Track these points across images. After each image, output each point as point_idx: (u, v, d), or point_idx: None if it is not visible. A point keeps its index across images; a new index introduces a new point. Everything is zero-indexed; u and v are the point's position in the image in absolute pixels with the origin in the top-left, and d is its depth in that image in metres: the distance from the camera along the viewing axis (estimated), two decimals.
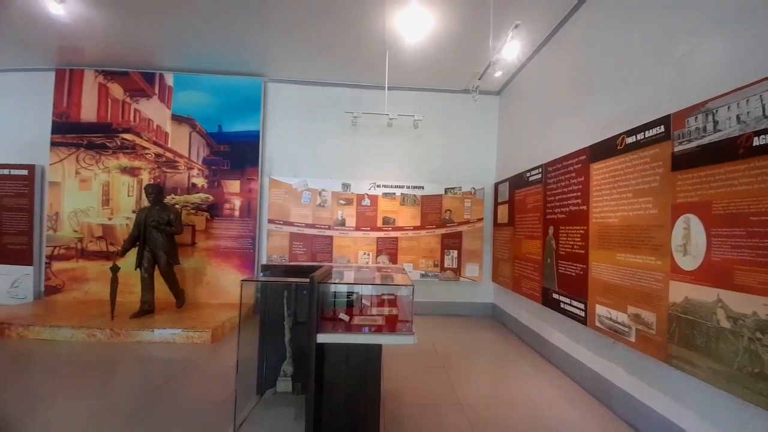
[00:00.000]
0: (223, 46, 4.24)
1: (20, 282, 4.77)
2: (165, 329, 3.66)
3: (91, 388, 2.63)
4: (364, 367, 1.86)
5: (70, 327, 3.60)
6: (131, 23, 3.77)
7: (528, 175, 3.84)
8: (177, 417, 2.25)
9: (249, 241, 4.88)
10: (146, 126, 4.84)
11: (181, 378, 2.84)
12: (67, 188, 4.78)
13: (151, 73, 4.84)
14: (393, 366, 3.06)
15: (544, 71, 3.81)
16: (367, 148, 5.08)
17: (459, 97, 5.11)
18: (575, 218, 2.86)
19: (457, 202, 5.00)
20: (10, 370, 2.89)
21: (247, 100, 4.91)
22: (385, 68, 4.21)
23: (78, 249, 4.76)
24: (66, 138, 4.78)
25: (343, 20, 3.57)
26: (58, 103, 4.78)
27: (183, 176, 4.87)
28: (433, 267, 4.95)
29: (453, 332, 4.25)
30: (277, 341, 2.15)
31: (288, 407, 2.04)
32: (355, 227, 4.91)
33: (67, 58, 4.58)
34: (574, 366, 2.95)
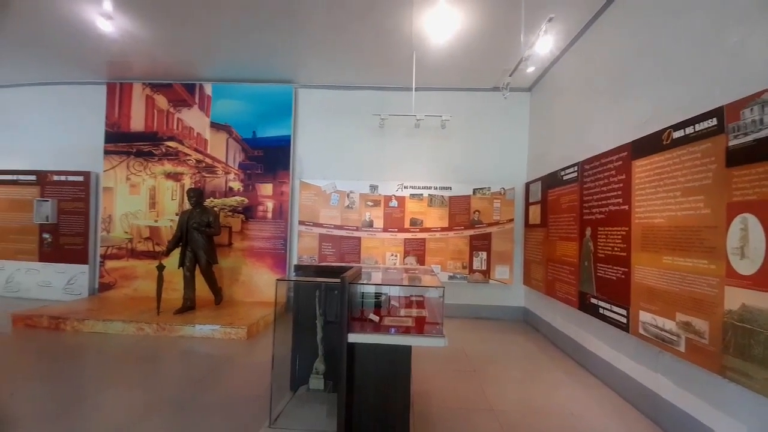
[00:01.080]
0: (256, 56, 4.44)
1: (76, 279, 5.24)
2: (205, 325, 3.87)
3: (140, 379, 2.85)
4: (393, 368, 1.87)
5: (121, 321, 3.90)
6: (173, 38, 4.04)
7: (562, 174, 3.68)
8: (217, 409, 2.37)
9: (281, 242, 5.05)
10: (188, 134, 5.17)
11: (220, 372, 2.99)
12: (119, 193, 5.21)
13: (192, 84, 5.16)
14: (421, 368, 3.04)
15: (579, 64, 3.65)
16: (394, 149, 5.10)
17: (487, 96, 5.01)
18: (616, 219, 2.71)
19: (485, 203, 4.90)
20: (66, 361, 3.18)
21: (279, 107, 5.11)
22: (412, 70, 4.21)
23: (128, 249, 5.17)
24: (117, 146, 5.21)
25: (371, 24, 3.62)
26: (110, 114, 5.22)
27: (221, 180, 5.14)
28: (461, 269, 4.88)
29: (483, 336, 4.16)
30: (309, 339, 2.21)
31: (321, 404, 2.09)
32: (382, 228, 4.95)
33: (117, 72, 4.99)
34: (614, 375, 2.79)
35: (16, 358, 3.22)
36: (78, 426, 2.14)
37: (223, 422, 2.21)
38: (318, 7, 3.40)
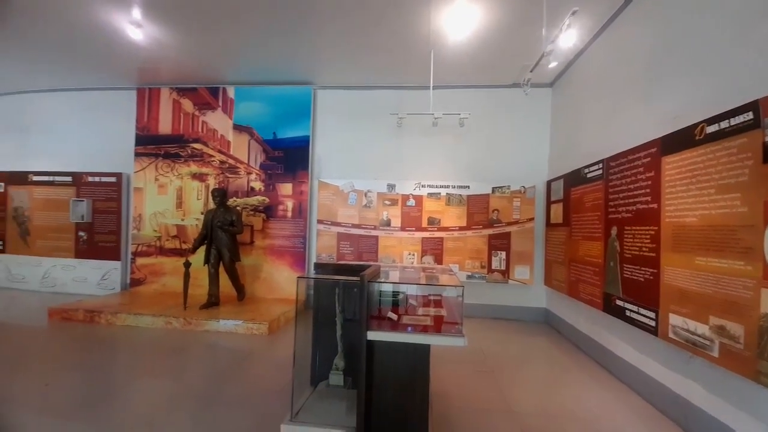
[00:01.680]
0: (276, 59, 4.54)
1: (109, 275, 5.53)
2: (228, 320, 4.00)
3: (169, 371, 2.98)
4: (412, 367, 1.87)
5: (151, 315, 4.10)
6: (198, 44, 4.19)
7: (586, 172, 3.57)
8: (240, 401, 2.46)
9: (300, 241, 5.15)
10: (212, 136, 5.36)
11: (243, 366, 3.09)
12: (148, 193, 5.46)
13: (216, 87, 5.34)
14: (439, 368, 3.03)
15: (604, 58, 3.53)
16: (411, 148, 5.10)
17: (507, 92, 4.92)
18: (644, 217, 2.61)
19: (505, 202, 4.82)
20: (100, 352, 3.37)
21: (298, 108, 5.20)
22: (429, 68, 4.19)
23: (157, 246, 5.41)
24: (147, 149, 5.45)
25: (389, 24, 3.63)
26: (140, 118, 5.47)
27: (243, 180, 5.29)
28: (479, 268, 4.82)
29: (502, 336, 4.10)
30: (329, 336, 2.25)
31: (340, 400, 2.12)
32: (400, 227, 4.95)
33: (146, 78, 5.23)
34: (641, 380, 2.69)
35: (52, 349, 3.43)
36: (111, 415, 2.26)
37: (247, 415, 2.29)
38: (337, 9, 3.44)
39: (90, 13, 3.57)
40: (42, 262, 5.67)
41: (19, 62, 4.81)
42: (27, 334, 3.80)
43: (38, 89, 5.81)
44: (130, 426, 2.13)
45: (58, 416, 2.19)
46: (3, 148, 5.98)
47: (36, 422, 2.12)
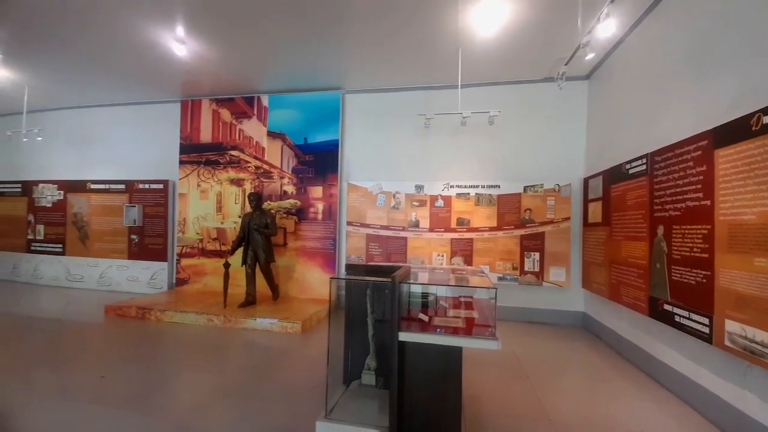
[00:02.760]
0: (307, 67, 4.71)
1: (158, 275, 5.96)
2: (265, 319, 4.18)
3: (211, 365, 3.16)
4: (443, 369, 1.87)
5: (195, 313, 4.37)
6: (235, 56, 4.43)
7: (628, 167, 3.37)
8: (277, 397, 2.56)
9: (330, 242, 5.28)
10: (248, 143, 5.64)
11: (278, 362, 3.22)
12: (191, 198, 5.83)
13: (251, 96, 5.61)
14: (471, 371, 2.99)
15: (647, 46, 3.32)
16: (439, 149, 5.06)
17: (539, 87, 4.76)
18: (694, 215, 2.42)
19: (538, 201, 4.65)
20: (151, 347, 3.64)
21: (328, 113, 5.35)
22: (457, 66, 4.15)
23: (199, 248, 5.77)
24: (190, 157, 5.84)
25: (416, 25, 3.64)
26: (184, 128, 5.87)
27: (276, 185, 5.52)
28: (511, 270, 4.68)
29: (536, 341, 3.96)
30: (360, 336, 2.29)
31: (372, 399, 2.16)
32: (428, 228, 4.93)
33: (188, 90, 5.60)
34: (691, 389, 2.50)
35: (108, 344, 3.75)
36: (160, 405, 2.44)
37: (283, 410, 2.38)
38: (365, 15, 3.50)
39: (141, 33, 3.89)
40: (99, 263, 6.23)
41: (78, 79, 5.32)
42: (85, 329, 4.18)
43: (95, 104, 6.40)
44: (177, 416, 2.29)
45: (112, 406, 2.39)
46: (65, 158, 6.64)
47: (92, 411, 2.33)
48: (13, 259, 6.75)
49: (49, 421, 2.19)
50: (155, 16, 3.56)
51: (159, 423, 2.20)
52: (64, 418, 2.22)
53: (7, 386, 2.60)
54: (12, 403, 2.37)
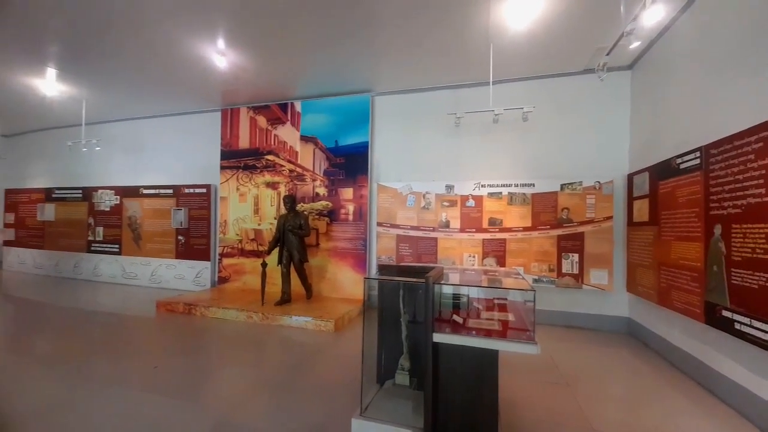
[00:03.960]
0: (337, 72, 4.83)
1: (202, 273, 6.36)
2: (299, 316, 4.34)
3: (251, 360, 3.34)
4: (479, 372, 1.85)
5: (236, 309, 4.62)
6: (271, 65, 4.64)
7: (679, 162, 3.13)
8: (312, 393, 2.64)
9: (361, 243, 5.36)
10: (282, 147, 5.87)
11: (313, 359, 3.33)
12: (231, 201, 6.16)
13: (285, 103, 5.84)
14: (506, 376, 2.91)
15: (698, 31, 3.06)
16: (470, 148, 4.98)
17: (577, 80, 4.54)
18: (758, 213, 2.21)
19: (576, 199, 4.43)
20: (197, 341, 3.89)
21: (357, 116, 5.44)
22: (488, 63, 4.06)
23: (239, 248, 6.08)
24: (229, 162, 6.18)
25: (446, 24, 3.61)
26: (224, 135, 6.22)
27: (309, 187, 5.70)
28: (548, 272, 4.50)
29: (576, 346, 3.78)
30: (394, 336, 2.31)
31: (406, 400, 2.17)
32: (459, 229, 4.86)
33: (228, 99, 5.93)
34: (754, 404, 2.28)
35: (160, 337, 4.06)
36: (206, 397, 2.61)
37: (319, 405, 2.46)
38: (395, 18, 3.53)
39: (186, 48, 4.18)
40: (150, 262, 6.75)
41: (131, 93, 5.80)
42: (139, 323, 4.55)
43: (146, 116, 6.95)
44: (221, 406, 2.44)
45: (164, 394, 2.59)
46: (120, 166, 7.27)
47: (146, 399, 2.53)
48: (74, 258, 7.49)
49: (109, 407, 2.41)
50: (200, 31, 3.82)
51: (205, 413, 2.35)
52: (122, 405, 2.44)
53: (72, 374, 2.90)
54: (76, 390, 2.64)
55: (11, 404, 2.39)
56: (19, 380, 2.76)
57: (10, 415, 2.18)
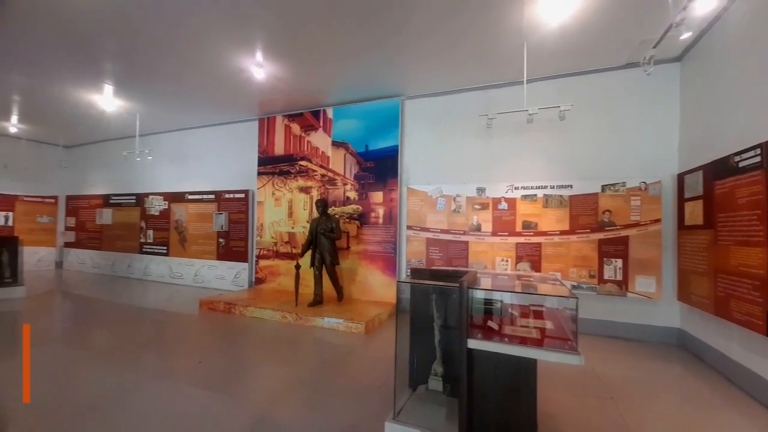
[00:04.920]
0: (368, 78, 4.91)
1: (240, 274, 6.68)
2: (331, 318, 4.43)
3: (286, 358, 3.45)
4: (516, 381, 1.80)
5: (271, 309, 4.81)
6: (304, 74, 4.81)
7: (737, 160, 2.87)
8: (344, 393, 2.69)
9: (391, 246, 5.38)
10: (315, 153, 6.05)
11: (345, 361, 3.39)
12: (267, 205, 6.44)
13: (318, 110, 6.03)
14: (543, 387, 2.79)
15: (755, 16, 2.80)
16: (502, 149, 4.86)
17: (619, 75, 4.31)
18: None
19: (619, 201, 4.18)
20: (236, 338, 4.09)
21: (387, 120, 5.49)
22: (520, 62, 3.96)
23: (274, 251, 6.33)
24: (266, 168, 6.46)
25: (478, 25, 3.57)
26: (261, 143, 6.52)
27: (340, 191, 5.83)
28: (588, 278, 4.28)
29: (620, 358, 3.56)
30: (426, 340, 2.30)
31: (439, 406, 2.16)
32: (491, 232, 4.75)
33: (264, 109, 6.22)
34: None
35: (203, 333, 4.32)
36: (245, 392, 2.74)
37: (351, 406, 2.50)
38: (426, 23, 3.54)
39: (227, 62, 4.45)
40: (194, 263, 7.20)
41: (178, 106, 6.25)
42: (184, 320, 4.86)
43: (190, 126, 7.45)
44: (259, 401, 2.55)
45: (207, 388, 2.75)
46: (168, 173, 7.83)
47: (191, 392, 2.70)
48: (128, 258, 8.15)
49: (158, 399, 2.60)
50: (240, 46, 4.05)
51: (243, 408, 2.47)
52: (169, 397, 2.62)
53: (126, 367, 3.16)
54: (130, 382, 2.88)
55: (72, 393, 2.65)
56: (80, 371, 3.05)
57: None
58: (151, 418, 2.32)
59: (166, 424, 2.26)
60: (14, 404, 2.38)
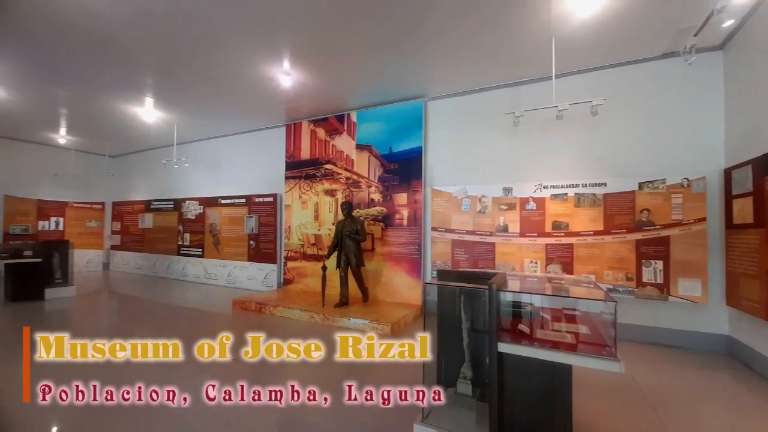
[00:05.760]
0: (391, 81, 4.95)
1: (269, 275, 6.91)
2: (357, 319, 4.49)
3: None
4: (549, 388, 1.75)
5: (299, 309, 4.94)
6: (329, 80, 4.92)
7: None
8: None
9: (415, 248, 5.38)
10: (339, 156, 6.17)
11: (372, 361, 3.42)
12: (294, 208, 6.63)
13: (342, 114, 6.14)
14: (578, 395, 2.69)
15: None
16: (529, 148, 4.73)
17: (656, 65, 4.08)
18: None
19: (659, 199, 3.96)
20: (268, 337, 4.22)
21: (410, 121, 5.51)
22: (548, 57, 3.84)
23: (301, 252, 6.50)
24: (293, 172, 6.66)
25: (503, 21, 3.50)
26: (288, 148, 6.73)
27: (364, 193, 5.89)
28: (625, 281, 4.07)
29: (662, 366, 3.36)
30: (453, 342, 2.29)
31: (469, 410, 2.13)
32: (519, 233, 4.64)
33: (291, 115, 6.41)
34: None
35: (236, 331, 4.48)
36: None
37: (378, 407, 2.53)
38: (448, 21, 3.51)
39: (257, 72, 4.64)
40: (227, 264, 7.53)
41: (211, 116, 6.58)
42: (219, 318, 5.09)
43: (223, 134, 7.82)
44: (287, 400, 2.63)
45: (246, 380, 2.88)
46: (203, 179, 8.24)
47: (227, 387, 2.84)
48: (167, 260, 8.64)
49: (197, 393, 2.74)
50: (268, 55, 4.21)
51: (275, 404, 2.56)
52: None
53: (167, 360, 3.35)
54: (171, 375, 3.05)
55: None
56: (125, 364, 3.27)
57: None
58: (192, 407, 2.45)
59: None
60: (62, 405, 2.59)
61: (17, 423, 2.32)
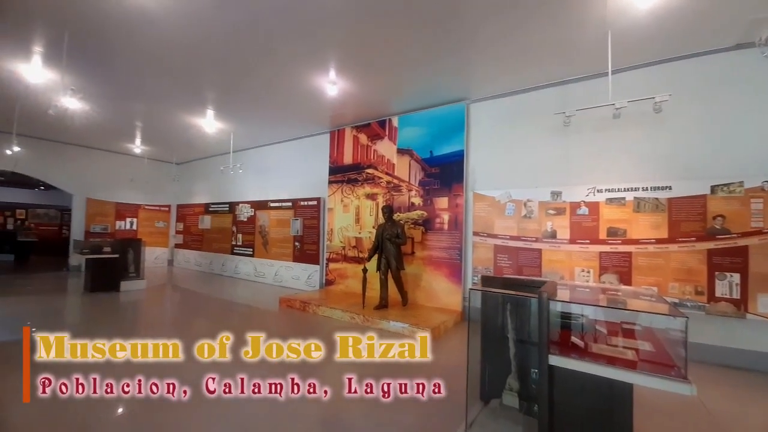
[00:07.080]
0: (433, 85, 4.95)
1: (312, 276, 7.19)
2: (397, 322, 4.52)
3: (356, 359, 3.60)
4: (607, 408, 1.64)
5: (341, 310, 5.09)
6: (372, 87, 5.04)
7: None
8: (412, 401, 2.71)
9: (456, 252, 5.29)
10: (380, 161, 6.27)
11: (411, 366, 3.40)
12: (337, 212, 6.85)
13: (383, 119, 6.25)
14: (638, 418, 2.49)
15: None
16: (580, 149, 4.46)
17: (726, 58, 3.67)
18: None
19: (735, 204, 3.53)
20: (312, 335, 4.38)
21: (452, 125, 5.45)
22: (601, 53, 3.60)
23: (342, 254, 6.70)
24: (336, 177, 6.90)
25: (552, 15, 3.34)
26: (332, 154, 6.99)
27: (405, 197, 5.93)
28: (694, 295, 3.68)
29: (737, 391, 2.99)
30: (497, 352, 2.22)
31: (515, 424, 2.06)
32: (568, 240, 4.38)
33: (335, 122, 6.65)
34: None
35: (284, 328, 4.73)
36: (319, 388, 2.93)
37: (420, 414, 2.52)
38: (489, 16, 3.38)
39: (306, 83, 4.89)
40: (274, 264, 7.97)
41: (263, 125, 7.04)
42: (267, 315, 5.40)
43: (272, 142, 8.31)
44: (328, 400, 2.72)
45: (286, 379, 3.03)
46: (254, 184, 8.82)
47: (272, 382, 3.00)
48: (222, 259, 9.34)
49: (245, 386, 2.93)
50: (316, 66, 4.42)
51: (316, 402, 2.66)
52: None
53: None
54: (225, 368, 3.30)
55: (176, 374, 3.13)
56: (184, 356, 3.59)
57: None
58: (237, 398, 2.64)
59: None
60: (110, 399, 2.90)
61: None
